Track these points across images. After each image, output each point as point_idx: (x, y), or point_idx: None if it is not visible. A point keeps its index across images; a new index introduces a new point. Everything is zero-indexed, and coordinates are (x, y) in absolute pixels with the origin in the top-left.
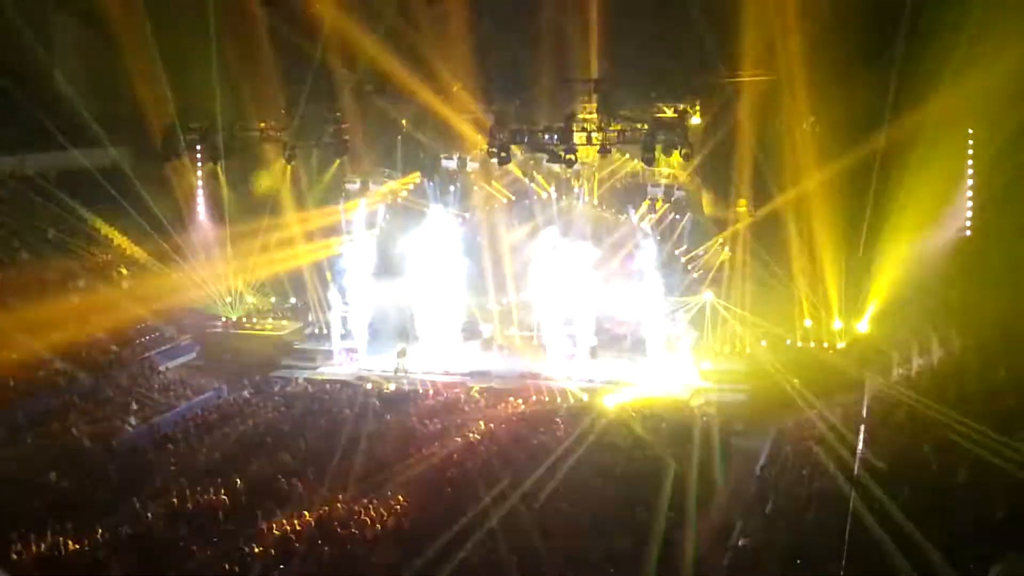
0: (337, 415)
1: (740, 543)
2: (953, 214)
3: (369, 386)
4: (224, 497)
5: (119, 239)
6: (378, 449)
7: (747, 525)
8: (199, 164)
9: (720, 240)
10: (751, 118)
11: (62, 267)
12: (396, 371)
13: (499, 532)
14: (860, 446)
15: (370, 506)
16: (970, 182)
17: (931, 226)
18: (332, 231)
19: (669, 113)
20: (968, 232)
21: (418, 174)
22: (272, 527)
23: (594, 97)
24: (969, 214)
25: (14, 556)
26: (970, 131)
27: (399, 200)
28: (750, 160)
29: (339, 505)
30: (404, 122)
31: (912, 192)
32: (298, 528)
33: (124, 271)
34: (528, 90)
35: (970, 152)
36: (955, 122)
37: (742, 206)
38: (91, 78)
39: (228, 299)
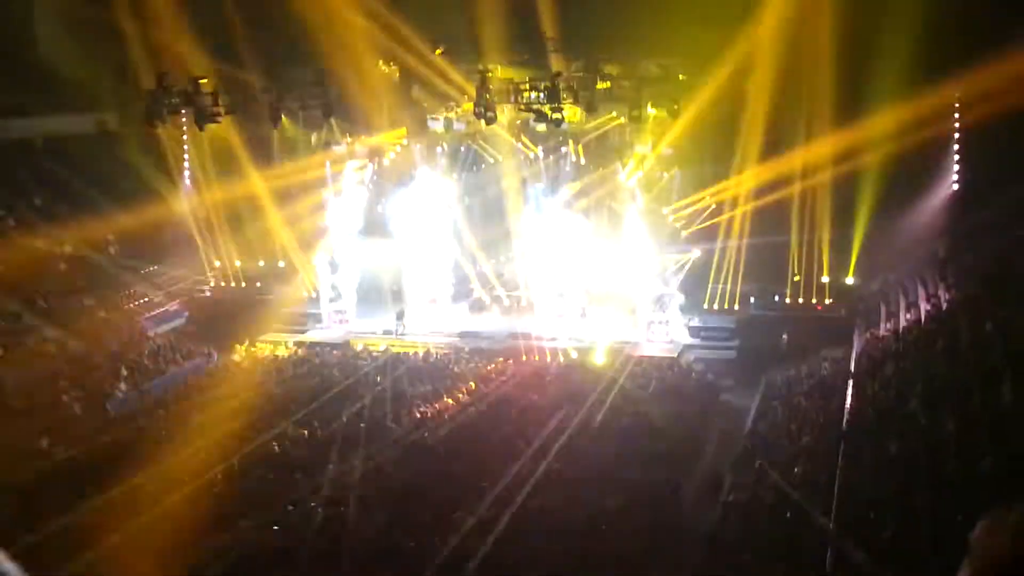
0: (328, 377)
1: (730, 498)
2: (942, 171)
3: (360, 347)
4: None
5: (106, 205)
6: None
7: (737, 480)
8: (184, 128)
9: (709, 196)
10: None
11: (50, 234)
12: (396, 332)
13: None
14: (848, 401)
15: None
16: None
17: (922, 184)
18: (319, 193)
19: (655, 70)
20: (955, 187)
21: (404, 131)
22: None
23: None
24: (957, 168)
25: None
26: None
27: (386, 161)
28: (739, 120)
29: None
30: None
31: (902, 156)
32: None
33: (111, 237)
34: (513, 50)
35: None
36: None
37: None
38: (74, 40)
39: (216, 263)
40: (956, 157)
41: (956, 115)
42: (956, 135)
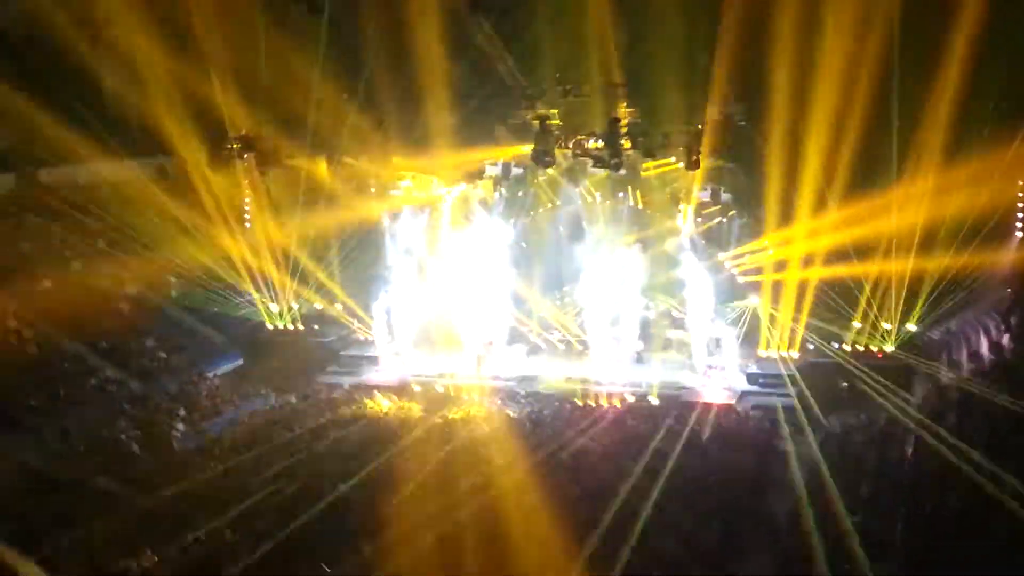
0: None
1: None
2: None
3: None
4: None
5: (168, 247)
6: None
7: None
8: (245, 172)
9: (768, 243)
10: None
11: (112, 275)
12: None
13: None
14: (909, 451)
15: None
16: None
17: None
18: (377, 236)
19: (714, 115)
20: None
21: (462, 182)
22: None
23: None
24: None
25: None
26: None
27: (444, 205)
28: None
29: None
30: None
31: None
32: None
33: (173, 279)
34: (572, 95)
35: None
36: None
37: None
38: (138, 85)
39: (274, 306)
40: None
41: None
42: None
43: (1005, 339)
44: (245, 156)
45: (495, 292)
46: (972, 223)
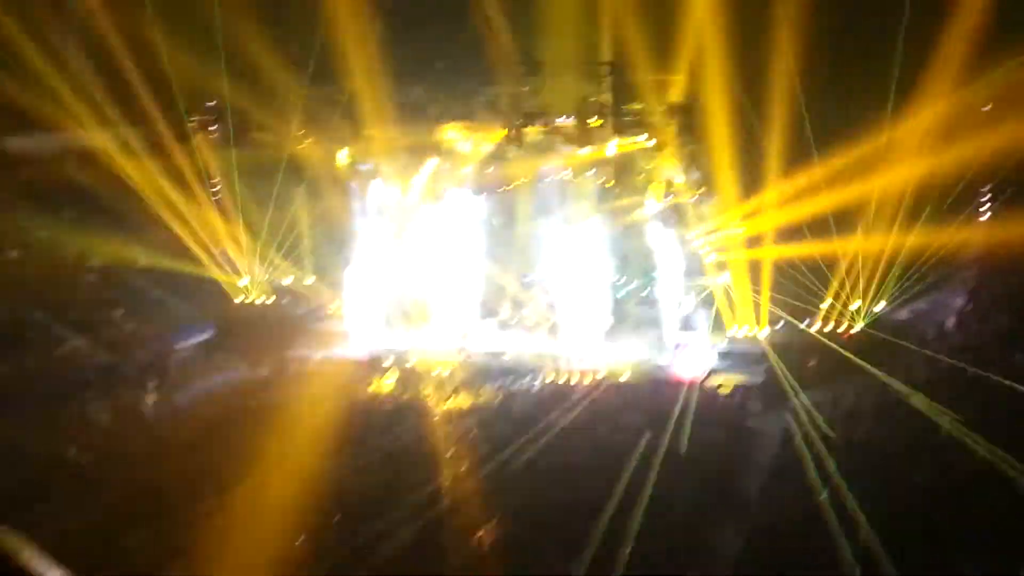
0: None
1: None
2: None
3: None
4: None
5: (136, 220)
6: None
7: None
8: (212, 144)
9: (737, 219)
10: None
11: (80, 245)
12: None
13: None
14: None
15: None
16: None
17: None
18: (347, 211)
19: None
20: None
21: (434, 158)
22: None
23: (607, 80)
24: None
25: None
26: None
27: (414, 181)
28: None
29: None
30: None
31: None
32: None
33: (139, 250)
34: (541, 73)
35: None
36: None
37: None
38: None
39: (245, 278)
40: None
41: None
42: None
43: (971, 317)
44: (211, 129)
45: (467, 268)
46: (937, 198)
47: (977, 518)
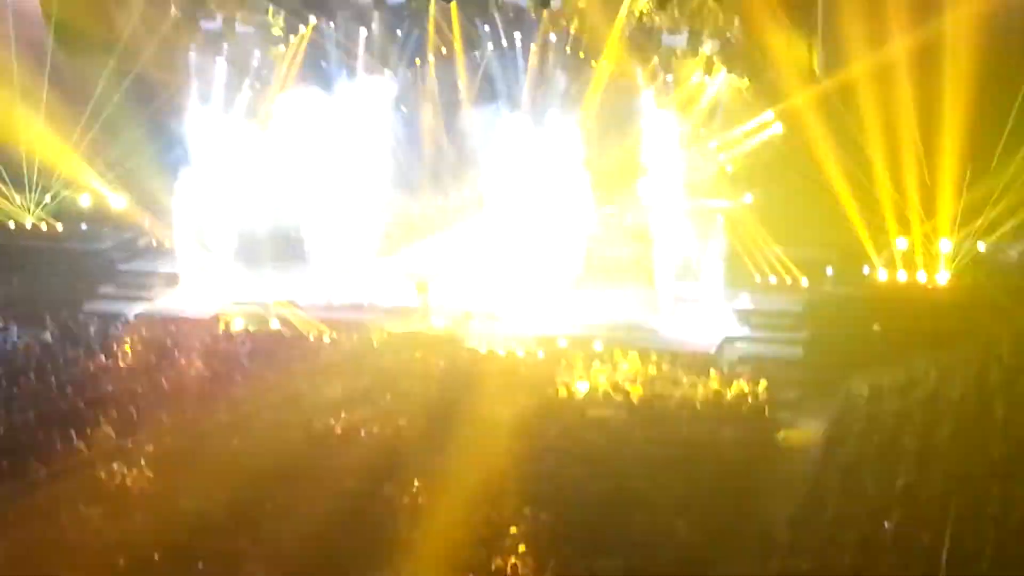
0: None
1: None
2: None
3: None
4: None
5: None
6: None
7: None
8: None
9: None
10: None
11: None
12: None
13: None
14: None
15: None
16: None
17: None
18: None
19: None
20: None
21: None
22: None
23: None
24: None
25: None
26: None
27: (282, 47)
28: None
29: None
30: None
31: None
32: None
33: None
34: None
35: None
36: None
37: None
38: None
39: (18, 198)
40: None
41: None
42: None
43: None
44: None
45: (360, 177)
46: None
47: None
